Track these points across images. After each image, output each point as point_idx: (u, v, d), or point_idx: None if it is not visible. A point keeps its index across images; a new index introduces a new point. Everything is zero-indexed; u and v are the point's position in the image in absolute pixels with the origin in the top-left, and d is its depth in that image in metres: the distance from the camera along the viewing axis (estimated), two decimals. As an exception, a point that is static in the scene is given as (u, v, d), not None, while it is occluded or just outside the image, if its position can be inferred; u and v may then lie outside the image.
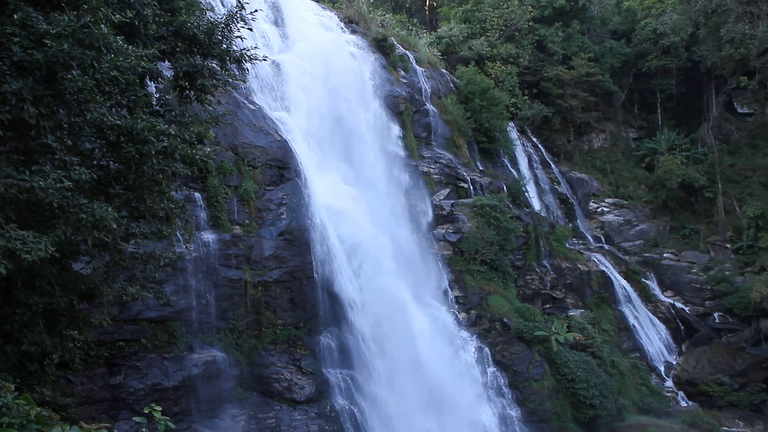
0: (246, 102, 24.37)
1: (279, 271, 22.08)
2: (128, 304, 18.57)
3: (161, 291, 16.49)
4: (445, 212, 29.16)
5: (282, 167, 23.85)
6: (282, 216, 22.79)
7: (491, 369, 25.65)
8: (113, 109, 11.21)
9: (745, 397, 30.35)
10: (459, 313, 26.59)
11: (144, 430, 11.82)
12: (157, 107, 13.45)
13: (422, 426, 21.72)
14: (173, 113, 13.26)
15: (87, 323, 14.86)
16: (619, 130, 46.47)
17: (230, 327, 21.16)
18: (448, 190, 30.28)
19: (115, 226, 10.57)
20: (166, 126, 11.78)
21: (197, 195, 21.68)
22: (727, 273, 36.34)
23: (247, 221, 22.63)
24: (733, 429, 28.09)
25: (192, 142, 13.14)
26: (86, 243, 10.93)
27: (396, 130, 29.48)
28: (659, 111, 46.44)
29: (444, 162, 31.18)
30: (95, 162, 11.47)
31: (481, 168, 34.48)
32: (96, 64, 10.20)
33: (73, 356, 14.02)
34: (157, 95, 13.52)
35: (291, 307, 22.17)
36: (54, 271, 12.05)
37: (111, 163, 11.80)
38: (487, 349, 26.00)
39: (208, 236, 21.43)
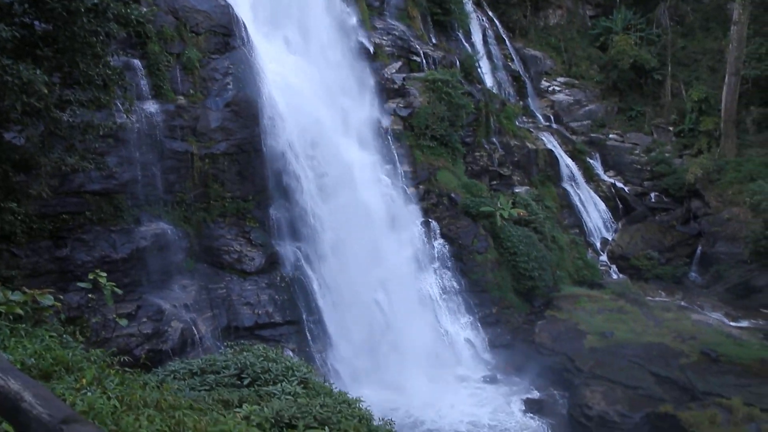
0: (185, -40, 22.53)
1: (226, 143, 21.61)
2: (69, 175, 18.00)
3: (103, 162, 16.03)
4: (396, 86, 28.61)
5: (227, 34, 22.63)
6: (228, 86, 21.94)
7: (437, 242, 26.54)
8: (33, -41, 10.16)
9: (670, 271, 32.59)
10: (408, 187, 26.93)
11: (90, 295, 11.90)
12: (85, -40, 12.23)
13: (369, 295, 22.61)
14: (103, -33, 12.11)
15: (25, 195, 14.41)
16: (576, 6, 45.45)
17: (178, 200, 20.95)
18: (400, 63, 29.52)
19: (45, 91, 9.96)
20: (95, -19, 10.81)
21: (137, 62, 20.55)
22: (666, 155, 37.58)
23: (191, 91, 21.74)
24: (657, 298, 30.29)
25: (126, 1, 12.17)
26: (15, 109, 10.30)
27: (347, -3, 28.05)
28: (618, -13, 45.41)
29: (396, 34, 30.14)
30: (16, 19, 10.53)
31: (434, 41, 33.55)
32: None
33: (14, 228, 13.72)
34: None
35: (239, 179, 21.97)
36: (-18, 138, 11.43)
37: (36, 22, 10.87)
38: (434, 223, 26.74)
39: (151, 106, 20.59)
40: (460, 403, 21.51)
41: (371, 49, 28.60)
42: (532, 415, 21.30)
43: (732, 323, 27.10)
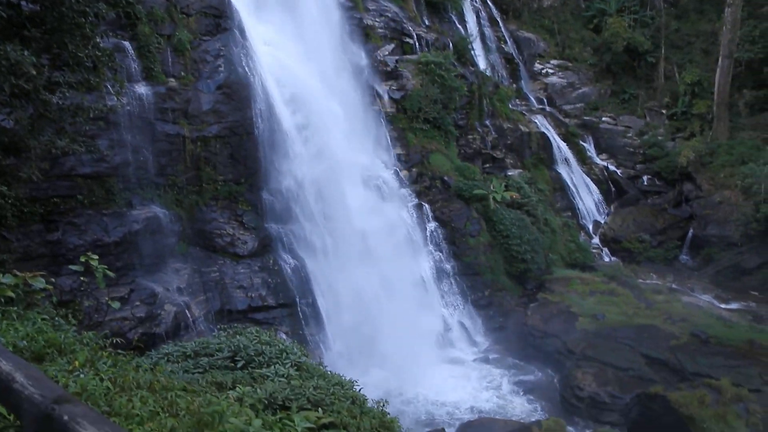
0: (175, -60, 22.23)
1: (218, 126, 21.50)
2: (60, 159, 17.89)
3: (94, 145, 15.91)
4: (389, 68, 28.45)
5: (218, 16, 22.43)
6: (220, 68, 21.79)
7: (430, 225, 26.58)
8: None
9: (661, 253, 32.81)
10: (400, 170, 26.91)
11: (83, 278, 11.85)
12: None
13: (361, 277, 22.63)
14: (91, -54, 11.92)
15: (15, 178, 14.30)
16: (570, -12, 45.19)
17: (170, 183, 20.87)
18: (392, 45, 29.33)
19: (34, 73, 9.83)
20: (83, -40, 10.64)
21: (127, 44, 20.36)
22: (659, 138, 37.63)
23: (182, 73, 21.57)
24: (648, 281, 30.47)
25: (115, -20, 12.01)
26: (4, 91, 10.18)
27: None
28: (612, -32, 45.06)
29: (389, 15, 29.91)
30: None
31: (427, 23, 33.35)
32: None
33: (4, 212, 13.65)
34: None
35: (231, 162, 21.89)
36: (-30, 121, 11.30)
37: (23, 1, 10.71)
38: (427, 206, 26.76)
39: (142, 89, 20.44)
40: (453, 385, 21.67)
41: (364, 31, 28.37)
42: (524, 396, 21.49)
43: (722, 305, 27.34)
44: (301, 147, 22.54)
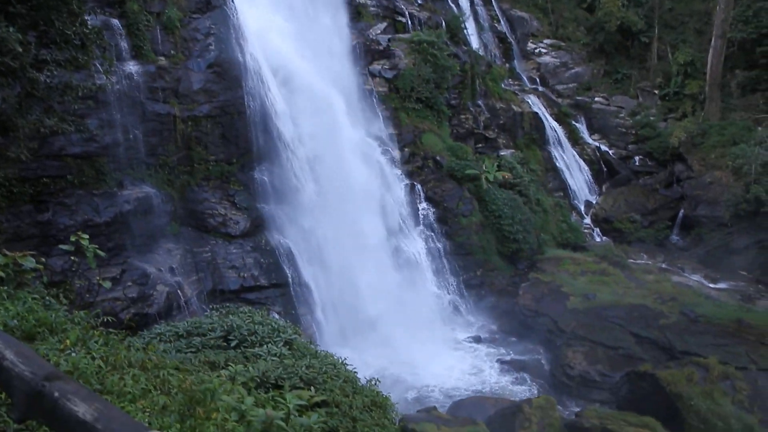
0: None
1: (209, 106, 21.33)
2: (49, 138, 17.71)
3: (83, 124, 15.79)
4: (381, 47, 28.21)
5: (208, -7, 22.12)
6: (210, 47, 21.56)
7: (422, 205, 26.58)
8: None
9: (652, 233, 32.98)
10: (393, 150, 26.82)
11: (74, 258, 11.78)
12: None
13: (354, 257, 22.65)
14: None
15: (4, 157, 14.18)
16: (564, -33, 44.74)
17: (161, 163, 20.74)
18: (385, 24, 29.06)
19: (20, 50, 9.68)
20: (69, -65, 10.44)
21: (115, 22, 20.10)
22: (651, 118, 37.61)
23: (172, 52, 21.33)
24: (639, 261, 30.66)
25: (102, -44, 11.79)
26: (-10, 69, 10.03)
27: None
28: (607, -53, 44.64)
29: (382, -6, 29.63)
30: (-13, -26, 10.19)
31: (420, 2, 33.02)
32: None
33: (-7, 192, 13.53)
34: None
35: (223, 142, 21.76)
36: (-44, 100, 11.16)
37: (8, -23, 10.52)
38: (419, 186, 26.73)
39: (131, 68, 20.22)
40: (445, 363, 21.83)
41: (356, 9, 28.07)
42: (515, 374, 21.70)
43: (711, 285, 27.57)
44: (294, 128, 22.41)
